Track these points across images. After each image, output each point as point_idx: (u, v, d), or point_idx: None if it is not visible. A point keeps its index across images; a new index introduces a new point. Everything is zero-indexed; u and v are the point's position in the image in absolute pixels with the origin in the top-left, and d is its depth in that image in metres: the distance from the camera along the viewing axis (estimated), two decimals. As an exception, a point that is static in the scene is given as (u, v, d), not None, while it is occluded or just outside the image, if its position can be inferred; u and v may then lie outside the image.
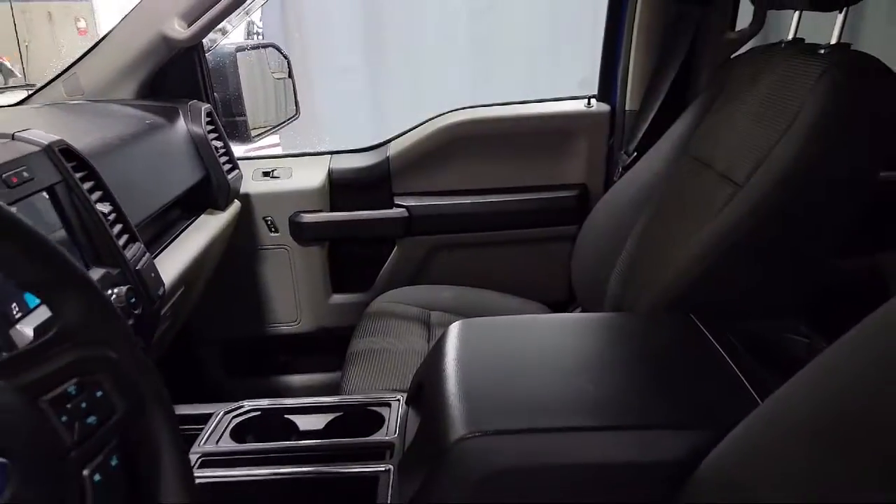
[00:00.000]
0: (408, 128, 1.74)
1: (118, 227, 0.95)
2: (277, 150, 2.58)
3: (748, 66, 1.24)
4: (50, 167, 0.87)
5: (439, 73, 3.05)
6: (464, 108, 1.72)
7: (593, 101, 1.70)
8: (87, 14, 8.48)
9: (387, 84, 3.02)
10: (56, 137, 0.91)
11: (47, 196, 0.86)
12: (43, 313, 0.74)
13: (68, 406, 0.47)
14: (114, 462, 0.50)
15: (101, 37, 1.40)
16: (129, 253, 0.94)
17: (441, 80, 3.02)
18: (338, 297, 1.76)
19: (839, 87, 0.97)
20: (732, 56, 1.37)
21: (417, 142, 1.69)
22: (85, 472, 0.47)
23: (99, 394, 0.49)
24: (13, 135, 0.88)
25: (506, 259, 1.76)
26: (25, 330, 0.72)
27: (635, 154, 1.53)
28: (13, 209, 0.50)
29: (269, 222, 1.67)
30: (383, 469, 0.87)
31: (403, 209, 1.70)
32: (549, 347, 0.92)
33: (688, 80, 1.53)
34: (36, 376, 0.46)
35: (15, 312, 0.73)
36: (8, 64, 8.56)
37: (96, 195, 0.93)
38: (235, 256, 1.62)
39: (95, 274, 0.88)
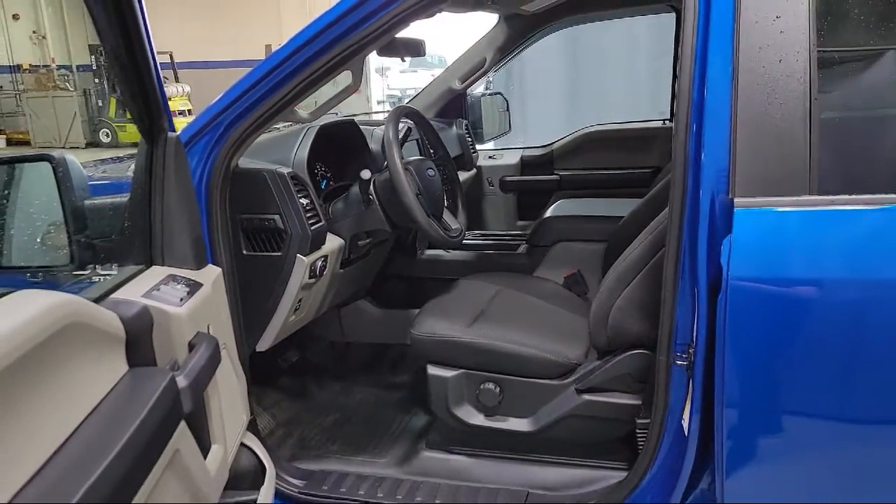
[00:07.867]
0: (562, 136, 3.22)
1: None
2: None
3: None
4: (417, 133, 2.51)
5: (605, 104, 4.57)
6: (595, 125, 3.15)
7: (667, 121, 3.03)
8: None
9: (561, 111, 4.67)
10: None
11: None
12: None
13: None
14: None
15: (421, 88, 3.08)
16: None
17: (603, 107, 4.51)
18: (520, 223, 3.25)
19: None
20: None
21: (567, 142, 3.17)
22: None
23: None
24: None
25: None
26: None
27: (682, 146, 2.83)
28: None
29: (489, 181, 3.23)
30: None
31: (558, 176, 3.16)
32: None
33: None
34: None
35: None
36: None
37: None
38: (472, 197, 3.18)
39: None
